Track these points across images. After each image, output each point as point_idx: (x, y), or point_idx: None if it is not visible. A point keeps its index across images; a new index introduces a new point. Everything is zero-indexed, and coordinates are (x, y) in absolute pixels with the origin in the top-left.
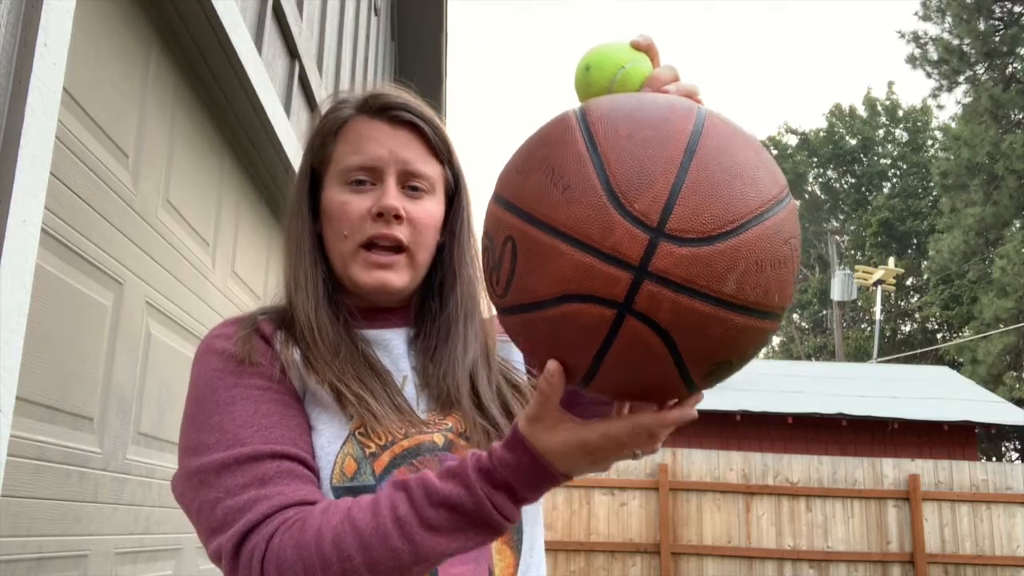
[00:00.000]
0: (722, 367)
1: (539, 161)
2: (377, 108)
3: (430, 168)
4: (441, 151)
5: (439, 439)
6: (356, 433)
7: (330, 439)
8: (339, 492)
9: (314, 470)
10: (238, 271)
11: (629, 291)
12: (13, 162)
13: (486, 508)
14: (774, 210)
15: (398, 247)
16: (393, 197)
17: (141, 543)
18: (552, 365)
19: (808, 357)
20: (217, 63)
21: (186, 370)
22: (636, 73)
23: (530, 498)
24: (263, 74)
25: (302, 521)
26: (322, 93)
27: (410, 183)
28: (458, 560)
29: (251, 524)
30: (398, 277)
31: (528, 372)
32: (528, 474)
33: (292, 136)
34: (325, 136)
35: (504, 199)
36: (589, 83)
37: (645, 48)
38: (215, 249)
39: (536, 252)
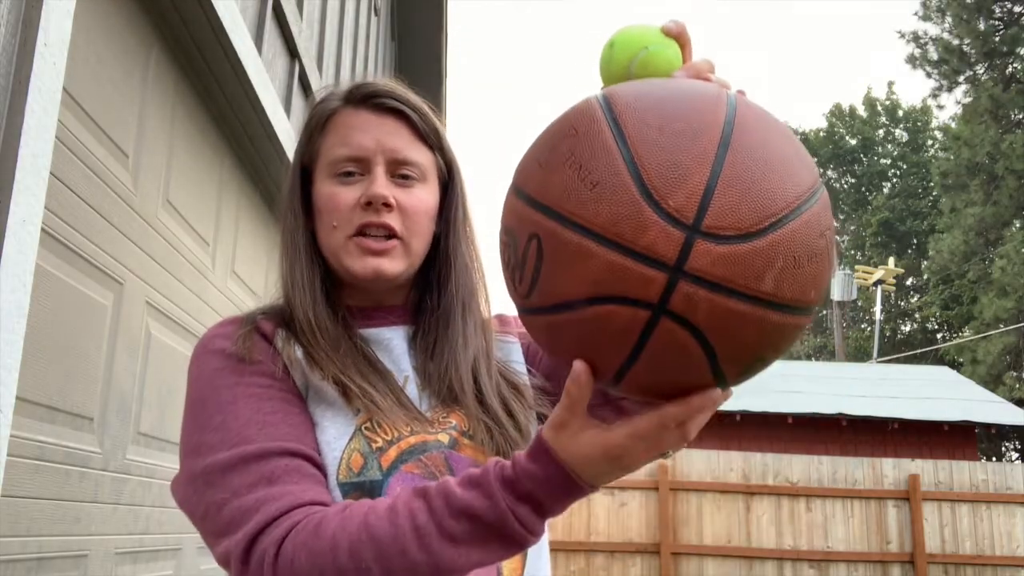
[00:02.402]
0: (756, 365)
1: (564, 155)
2: (361, 97)
3: (419, 155)
4: (430, 138)
5: (444, 438)
6: (362, 428)
7: (336, 435)
8: (345, 488)
9: (321, 468)
10: (238, 271)
11: (664, 292)
12: (13, 162)
13: (508, 520)
14: (810, 202)
15: (390, 235)
16: (381, 186)
17: (141, 543)
18: (580, 366)
19: (808, 357)
20: (217, 63)
21: (186, 370)
22: (659, 57)
23: (555, 510)
24: (263, 74)
25: (316, 525)
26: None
27: (400, 171)
28: None
29: (260, 526)
30: (392, 264)
31: (529, 371)
32: (553, 485)
33: (292, 136)
34: (312, 130)
35: (526, 194)
36: (611, 61)
37: (675, 35)
38: (215, 249)
39: (564, 252)
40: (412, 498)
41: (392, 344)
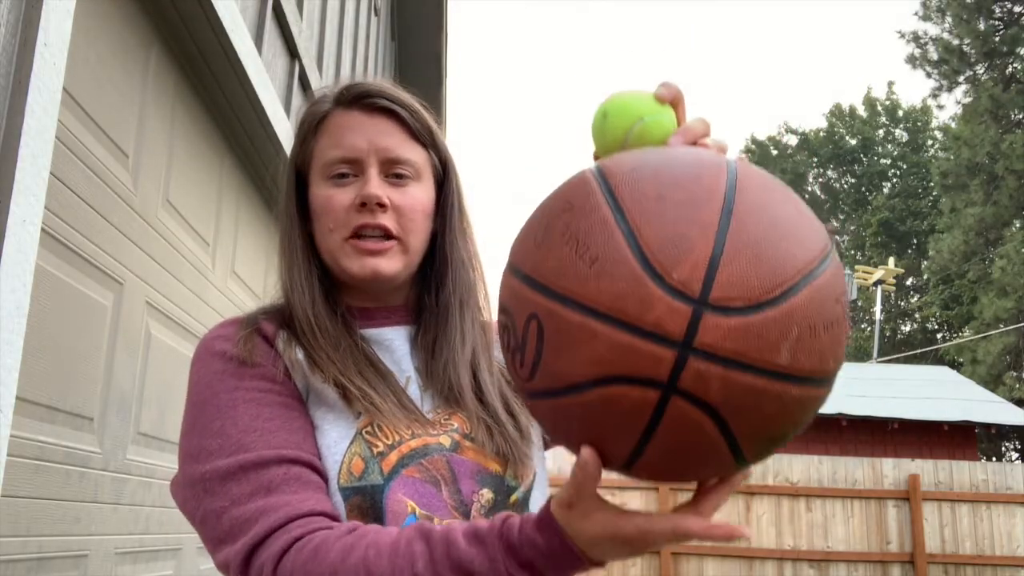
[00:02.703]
0: (777, 441)
1: (560, 231)
2: (352, 98)
3: (412, 154)
4: (423, 135)
5: (446, 440)
6: (363, 432)
7: (336, 439)
8: (347, 492)
9: (321, 473)
10: (238, 271)
11: (674, 370)
12: (13, 162)
13: None
14: (821, 267)
15: (386, 235)
16: (375, 186)
17: (141, 543)
18: (586, 453)
19: None
20: (217, 63)
21: (186, 370)
22: (655, 127)
23: None
24: (263, 74)
25: (315, 548)
26: None
27: (393, 171)
28: None
29: (259, 538)
30: (389, 263)
31: None
32: (556, 558)
33: (292, 136)
34: (306, 133)
35: (523, 273)
36: (604, 132)
37: (669, 100)
38: (215, 249)
39: (566, 332)
40: (415, 538)
41: (394, 345)
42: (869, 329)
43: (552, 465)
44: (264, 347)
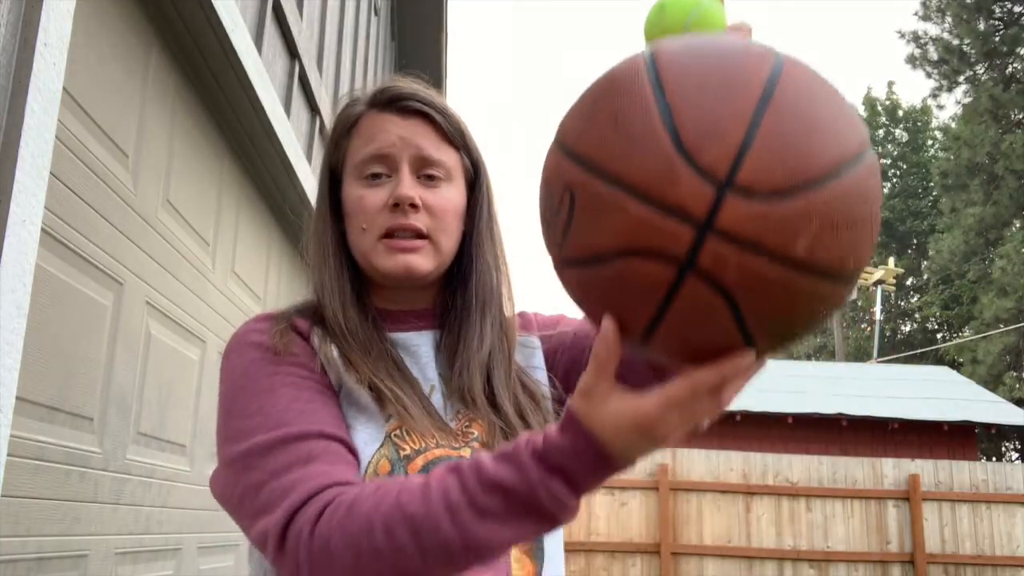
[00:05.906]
0: (786, 333)
1: (604, 108)
2: (386, 101)
3: (445, 155)
4: (455, 137)
5: (467, 454)
6: (392, 435)
7: (367, 440)
8: None
9: (356, 455)
10: (238, 271)
11: (692, 248)
12: (13, 162)
13: (538, 494)
14: (853, 166)
15: (418, 235)
16: (407, 187)
17: (141, 543)
18: (608, 324)
19: (808, 357)
20: (217, 63)
21: (186, 370)
22: (711, 15)
23: (588, 484)
24: (263, 74)
25: (349, 506)
26: (322, 93)
27: (425, 171)
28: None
29: (295, 506)
30: (423, 261)
31: (550, 378)
32: (583, 458)
33: (292, 136)
34: (339, 135)
35: (565, 146)
36: (663, 23)
37: None
38: (215, 249)
39: (595, 203)
40: (446, 474)
41: (420, 352)
42: (869, 329)
43: None
44: (300, 343)
